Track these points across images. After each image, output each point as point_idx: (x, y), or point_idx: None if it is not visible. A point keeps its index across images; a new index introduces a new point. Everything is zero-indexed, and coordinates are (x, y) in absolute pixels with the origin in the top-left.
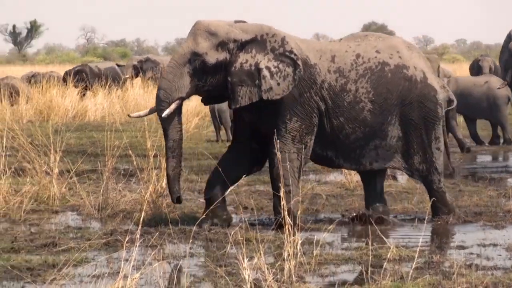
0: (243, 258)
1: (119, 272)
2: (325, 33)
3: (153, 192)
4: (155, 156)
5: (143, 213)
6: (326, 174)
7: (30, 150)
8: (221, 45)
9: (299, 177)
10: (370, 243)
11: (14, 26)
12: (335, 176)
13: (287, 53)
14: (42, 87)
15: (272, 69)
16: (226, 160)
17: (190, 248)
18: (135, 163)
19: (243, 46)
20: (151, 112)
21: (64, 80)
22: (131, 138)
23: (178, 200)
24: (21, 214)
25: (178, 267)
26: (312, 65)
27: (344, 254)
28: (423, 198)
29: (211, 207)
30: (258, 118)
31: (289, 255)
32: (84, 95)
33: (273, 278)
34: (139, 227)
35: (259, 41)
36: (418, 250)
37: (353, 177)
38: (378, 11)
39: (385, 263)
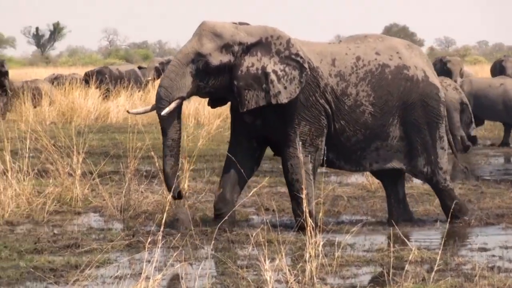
0: (264, 260)
1: (141, 273)
2: (347, 35)
3: (174, 192)
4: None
5: (165, 215)
6: (347, 176)
7: (53, 151)
8: (226, 47)
9: (314, 179)
10: (391, 245)
11: (37, 29)
12: (356, 178)
13: (293, 56)
14: (65, 89)
15: (279, 72)
16: (231, 167)
17: (212, 250)
18: (157, 164)
19: (248, 49)
20: (151, 109)
21: (86, 81)
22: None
23: (179, 195)
24: (44, 215)
25: (199, 268)
26: (314, 68)
27: (366, 256)
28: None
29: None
30: (265, 124)
31: (310, 256)
32: (106, 97)
33: (294, 280)
34: (161, 229)
35: (264, 44)
36: (439, 252)
37: (374, 179)
38: (400, 13)
39: (406, 265)
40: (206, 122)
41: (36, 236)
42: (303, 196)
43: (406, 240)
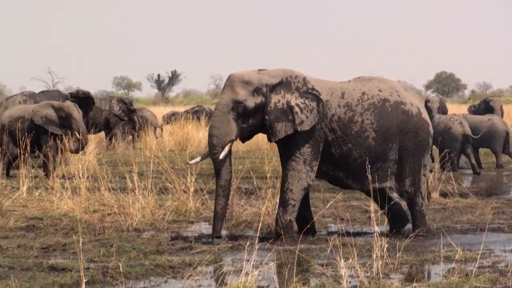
0: (340, 259)
1: (241, 270)
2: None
3: (269, 206)
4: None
5: (260, 223)
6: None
7: (172, 173)
8: (256, 90)
9: (303, 194)
10: (441, 247)
11: (158, 75)
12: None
13: (310, 90)
14: (181, 124)
15: (301, 105)
16: None
17: (298, 251)
18: (255, 183)
19: (273, 88)
20: (203, 157)
21: (198, 117)
22: (251, 164)
23: (218, 237)
24: (164, 224)
25: (288, 266)
26: (324, 101)
27: (421, 256)
28: (484, 212)
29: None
30: (283, 145)
31: (377, 256)
32: None
33: (364, 275)
34: (258, 234)
35: (285, 83)
36: (480, 253)
37: (434, 195)
38: (448, 61)
39: (453, 264)
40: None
41: (158, 240)
42: (285, 204)
43: (453, 243)
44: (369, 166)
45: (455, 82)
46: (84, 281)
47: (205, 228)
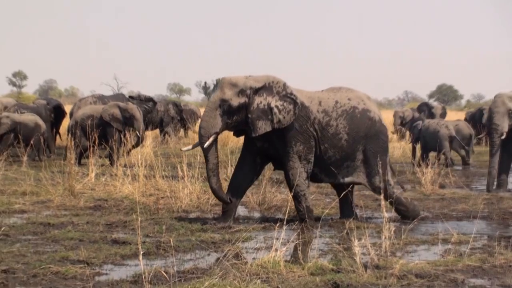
0: (354, 239)
1: (272, 247)
2: (413, 90)
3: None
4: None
5: (288, 208)
6: (409, 184)
7: None
8: (241, 92)
9: (308, 183)
10: (439, 231)
11: (205, 82)
12: (414, 185)
13: (289, 95)
14: None
15: (280, 107)
16: (240, 174)
17: (319, 232)
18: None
19: (257, 91)
20: (195, 146)
21: None
22: None
23: (230, 200)
24: (208, 206)
25: (310, 244)
26: (306, 106)
27: (422, 238)
28: (476, 202)
29: (226, 214)
30: (271, 146)
31: (385, 237)
32: None
33: (374, 253)
34: (286, 217)
35: (267, 87)
36: (472, 237)
37: (429, 186)
38: (448, 74)
39: (449, 245)
40: None
41: (203, 220)
42: (299, 196)
43: (449, 228)
44: (340, 163)
45: (454, 92)
46: (141, 252)
47: (242, 211)
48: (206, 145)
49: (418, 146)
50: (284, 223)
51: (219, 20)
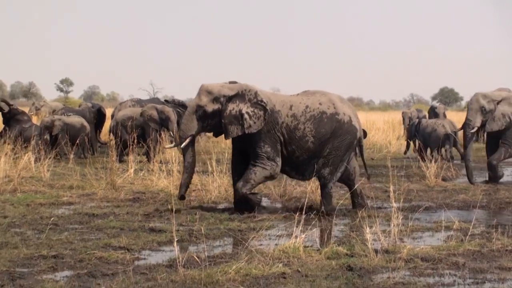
0: (366, 226)
1: (292, 234)
2: (418, 93)
3: (312, 186)
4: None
5: (306, 199)
6: (416, 178)
7: None
8: (215, 99)
9: (263, 181)
10: (442, 219)
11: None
12: (420, 179)
13: (259, 102)
14: None
15: (250, 113)
16: (236, 170)
17: (335, 220)
18: None
19: (230, 99)
20: (175, 145)
21: None
22: None
23: (182, 197)
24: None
25: (327, 231)
26: (277, 111)
27: (427, 226)
28: (475, 193)
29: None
30: (245, 145)
31: (394, 225)
32: None
33: (384, 239)
34: (305, 207)
35: (240, 95)
36: (472, 224)
37: (432, 179)
38: (450, 77)
39: (451, 231)
40: None
41: (230, 211)
42: (250, 181)
43: (452, 217)
44: (308, 162)
45: (454, 95)
46: (175, 239)
47: (265, 202)
48: (183, 145)
49: (412, 143)
50: (303, 212)
51: (249, 28)
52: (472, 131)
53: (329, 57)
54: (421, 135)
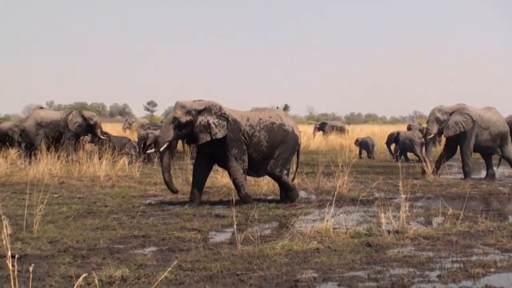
0: (381, 213)
1: (323, 218)
2: (419, 110)
3: (341, 182)
4: (337, 166)
5: (336, 192)
6: (421, 176)
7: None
8: (188, 112)
9: (245, 176)
10: (439, 207)
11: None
12: (421, 176)
13: (223, 114)
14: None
15: (216, 123)
16: (198, 173)
17: (356, 207)
18: (332, 168)
19: (199, 112)
20: (156, 150)
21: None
22: (330, 157)
23: (176, 191)
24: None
25: (351, 216)
26: (238, 122)
27: (428, 212)
28: (464, 186)
29: (194, 199)
30: (214, 150)
31: (402, 212)
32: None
33: (395, 222)
34: (334, 198)
35: (208, 109)
36: (462, 211)
37: (431, 176)
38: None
39: (446, 217)
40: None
41: (277, 201)
42: (239, 186)
43: (446, 205)
44: (262, 163)
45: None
46: (235, 223)
47: (303, 194)
48: (161, 149)
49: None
50: (333, 202)
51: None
52: (429, 137)
53: (352, 83)
54: (401, 143)
